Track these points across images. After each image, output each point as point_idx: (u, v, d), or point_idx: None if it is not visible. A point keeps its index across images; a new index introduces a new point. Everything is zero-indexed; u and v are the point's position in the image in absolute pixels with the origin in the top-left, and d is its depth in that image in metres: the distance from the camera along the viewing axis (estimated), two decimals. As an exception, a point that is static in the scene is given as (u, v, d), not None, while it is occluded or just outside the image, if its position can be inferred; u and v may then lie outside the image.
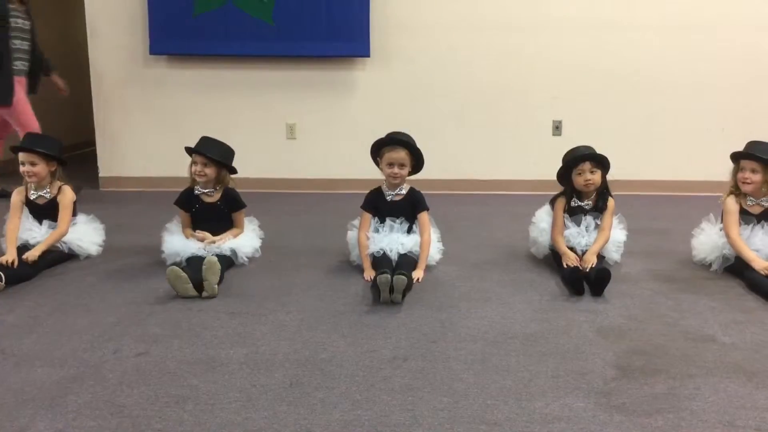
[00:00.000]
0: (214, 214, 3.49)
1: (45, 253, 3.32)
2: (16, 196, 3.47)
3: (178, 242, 3.41)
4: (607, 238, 3.37)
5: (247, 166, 3.79)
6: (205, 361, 2.33)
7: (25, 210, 3.49)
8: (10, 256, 3.19)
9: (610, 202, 3.43)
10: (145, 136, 5.59)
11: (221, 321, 2.71)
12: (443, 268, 3.43)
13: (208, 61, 5.48)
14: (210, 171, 3.41)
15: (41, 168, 3.42)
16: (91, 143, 6.01)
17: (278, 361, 2.33)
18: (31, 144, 3.44)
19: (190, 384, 2.17)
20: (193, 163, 3.43)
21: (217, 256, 3.24)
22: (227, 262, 3.31)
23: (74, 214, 3.58)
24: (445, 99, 5.57)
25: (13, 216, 3.43)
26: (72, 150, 6.58)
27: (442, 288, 3.14)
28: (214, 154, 3.42)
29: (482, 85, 5.56)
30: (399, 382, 2.17)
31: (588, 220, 3.43)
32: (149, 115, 5.57)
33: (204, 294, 2.94)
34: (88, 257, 3.56)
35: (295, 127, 5.61)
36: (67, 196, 3.50)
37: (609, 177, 3.44)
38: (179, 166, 3.51)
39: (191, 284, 2.93)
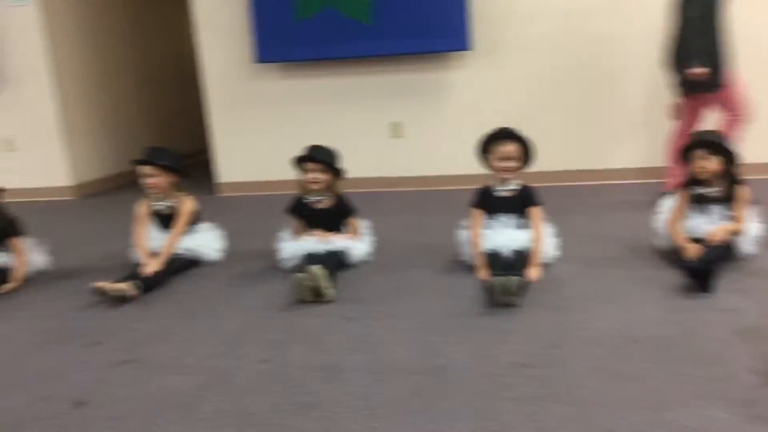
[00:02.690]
0: (325, 220, 3.54)
1: (171, 261, 3.49)
2: (142, 208, 3.67)
3: (292, 246, 3.49)
4: (739, 228, 3.16)
5: (351, 166, 3.82)
6: (326, 368, 2.37)
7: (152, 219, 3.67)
8: (151, 266, 3.37)
9: (742, 190, 3.21)
10: (255, 142, 5.77)
11: (339, 326, 2.75)
12: (560, 265, 3.33)
13: (311, 65, 5.57)
14: (324, 177, 3.47)
15: (161, 180, 3.59)
16: (206, 150, 6.28)
17: (397, 368, 2.34)
18: (151, 157, 3.61)
19: (313, 391, 2.21)
20: (306, 171, 3.49)
21: (329, 255, 3.30)
22: (339, 263, 3.36)
23: (195, 223, 3.73)
24: (557, 90, 5.39)
25: (140, 227, 3.63)
26: (190, 157, 6.92)
27: (559, 287, 3.05)
28: (327, 159, 3.47)
29: (598, 72, 5.33)
30: (522, 391, 2.12)
31: (716, 209, 3.23)
32: (258, 121, 5.74)
33: (323, 299, 2.99)
34: (211, 263, 3.71)
35: (399, 125, 5.61)
36: (186, 206, 3.66)
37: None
38: (290, 170, 3.58)
39: (312, 291, 2.99)
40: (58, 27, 5.99)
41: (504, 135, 3.26)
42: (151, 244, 3.59)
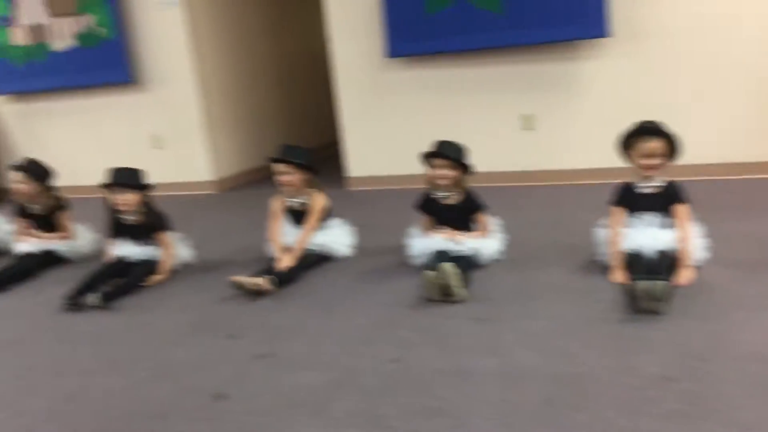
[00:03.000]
0: (454, 216, 3.49)
1: (304, 257, 3.57)
2: (276, 204, 3.78)
3: (422, 243, 3.47)
4: None
5: (481, 160, 3.73)
6: (456, 372, 2.33)
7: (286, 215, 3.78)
8: (285, 261, 3.47)
9: None
10: (386, 135, 5.80)
11: (469, 328, 2.70)
12: (710, 269, 3.08)
13: (441, 58, 5.51)
14: (452, 173, 3.42)
15: (295, 177, 3.67)
16: (336, 144, 6.39)
17: (530, 375, 2.26)
18: (285, 155, 3.70)
19: (444, 396, 2.17)
20: (434, 167, 3.45)
21: (459, 256, 3.25)
22: (469, 262, 3.30)
23: (327, 219, 3.80)
24: (706, 78, 5.00)
25: (275, 222, 3.74)
26: (320, 151, 7.07)
27: (710, 294, 2.82)
28: (454, 154, 3.42)
29: (754, 58, 4.89)
30: (668, 407, 1.97)
31: None
32: (389, 115, 5.76)
33: (452, 299, 2.95)
34: (342, 259, 3.76)
35: (531, 117, 5.44)
36: (318, 202, 3.73)
37: None
38: (419, 164, 3.55)
39: (442, 290, 2.95)
40: (201, 28, 6.30)
41: (648, 130, 3.06)
42: (285, 240, 3.69)
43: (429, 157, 3.47)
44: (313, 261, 3.63)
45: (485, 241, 3.45)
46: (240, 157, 6.83)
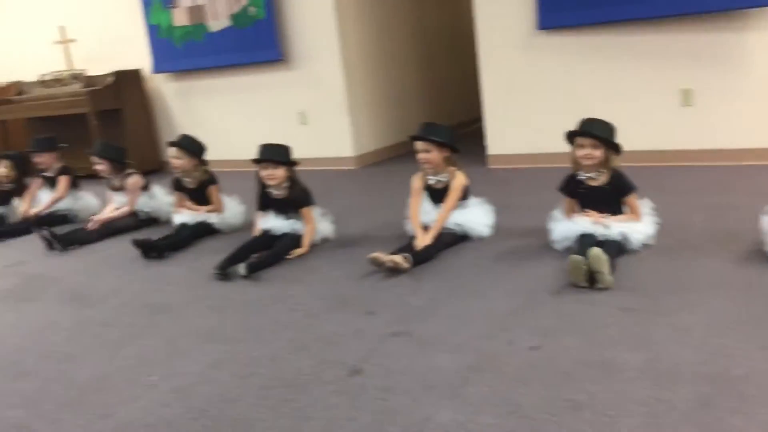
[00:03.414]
0: (600, 199, 3.30)
1: (442, 236, 3.53)
2: (417, 182, 3.75)
3: (565, 226, 3.32)
4: None
5: (633, 138, 3.48)
6: (600, 364, 2.20)
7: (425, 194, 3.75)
8: (423, 240, 3.45)
9: None
10: (530, 112, 5.61)
11: (615, 318, 2.54)
12: None
13: (590, 30, 5.22)
14: (599, 153, 3.22)
15: (434, 155, 3.63)
16: (478, 120, 6.27)
17: (683, 373, 2.09)
18: (425, 133, 3.66)
19: (587, 389, 2.06)
20: (579, 146, 3.27)
21: (606, 241, 3.07)
22: (617, 247, 3.11)
23: (465, 197, 3.73)
24: None
25: (415, 200, 3.72)
26: (460, 128, 6.98)
27: None
28: (602, 133, 3.22)
29: None
30: None
31: None
32: (534, 91, 5.56)
33: (598, 285, 2.80)
34: (480, 239, 3.68)
35: (690, 92, 5.04)
36: (458, 181, 3.66)
37: None
38: (563, 142, 3.38)
39: (587, 276, 2.81)
40: (346, 5, 6.38)
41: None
42: (424, 218, 3.67)
43: (574, 135, 3.30)
44: (450, 240, 3.58)
45: (634, 226, 3.24)
46: (380, 133, 6.89)
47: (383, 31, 6.93)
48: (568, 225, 3.31)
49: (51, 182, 5.28)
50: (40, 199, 5.29)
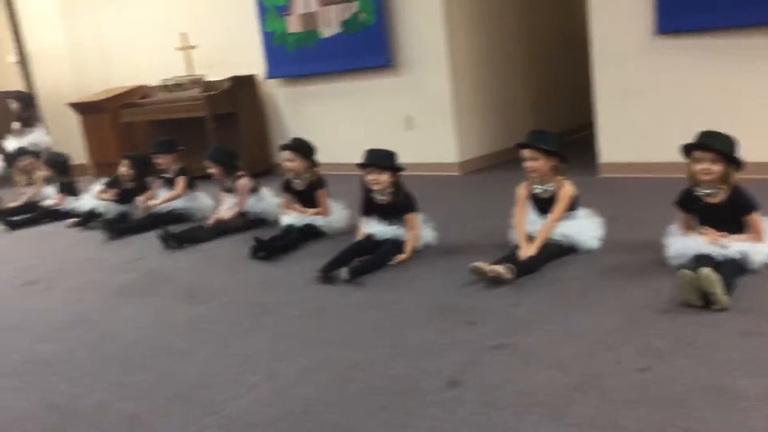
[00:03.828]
0: (719, 216, 3.09)
1: (547, 247, 3.43)
2: (522, 190, 3.67)
3: (681, 243, 3.14)
4: None
5: (759, 149, 3.24)
6: (715, 390, 2.07)
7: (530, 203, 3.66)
8: (527, 250, 3.38)
9: None
10: (645, 119, 5.36)
11: (732, 341, 2.39)
12: None
13: (717, 34, 4.92)
14: (717, 168, 3.02)
15: (542, 163, 3.53)
16: (587, 127, 6.07)
17: (811, 407, 1.93)
18: (533, 140, 3.57)
19: (699, 417, 1.94)
20: (696, 160, 3.08)
21: (724, 261, 2.88)
22: (736, 267, 2.91)
23: (573, 208, 3.61)
24: None
25: (520, 209, 3.64)
26: (568, 135, 6.80)
27: None
28: (721, 146, 3.02)
29: None
30: None
31: None
32: (650, 97, 5.31)
33: (714, 307, 2.63)
34: (588, 252, 3.55)
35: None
36: (565, 190, 3.55)
37: None
38: (676, 152, 3.20)
39: (701, 295, 2.65)
40: (455, 12, 6.35)
41: None
42: (529, 228, 3.58)
43: (691, 149, 3.11)
44: (556, 252, 3.48)
45: (756, 246, 3.02)
46: (486, 139, 6.80)
47: (492, 35, 6.85)
48: (685, 242, 3.13)
49: (170, 183, 5.56)
50: (159, 197, 5.57)
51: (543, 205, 3.61)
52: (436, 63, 6.36)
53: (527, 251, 3.38)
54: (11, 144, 7.72)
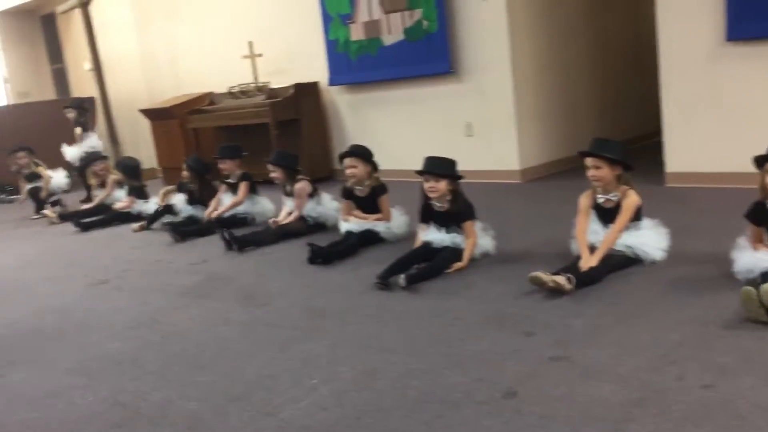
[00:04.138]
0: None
1: (610, 257, 3.36)
2: (585, 200, 3.61)
3: (750, 257, 3.03)
4: None
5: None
6: (784, 411, 1.99)
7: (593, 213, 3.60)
8: (589, 261, 3.32)
9: None
10: (715, 128, 5.19)
11: (806, 360, 2.29)
12: None
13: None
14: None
15: (606, 172, 3.47)
16: (652, 135, 5.91)
17: None
18: (596, 149, 3.51)
19: (767, 438, 1.87)
20: (767, 173, 2.97)
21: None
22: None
23: (638, 218, 3.53)
24: None
25: (582, 219, 3.58)
26: (633, 143, 6.64)
27: None
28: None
29: None
30: None
31: None
32: (721, 105, 5.14)
33: (783, 324, 2.54)
34: (652, 264, 3.46)
35: None
36: (630, 200, 3.47)
37: None
38: (747, 163, 3.09)
39: (765, 309, 2.55)
40: (519, 16, 6.30)
41: None
42: (591, 238, 3.52)
43: (763, 160, 3.00)
44: (619, 263, 3.40)
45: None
46: (548, 147, 6.71)
47: (557, 42, 6.75)
48: (754, 256, 3.02)
49: (233, 188, 5.68)
50: (223, 203, 5.71)
51: (606, 214, 3.54)
52: (499, 69, 6.32)
53: (589, 262, 3.32)
54: (71, 152, 8.00)
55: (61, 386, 2.78)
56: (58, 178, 7.58)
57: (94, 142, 8.02)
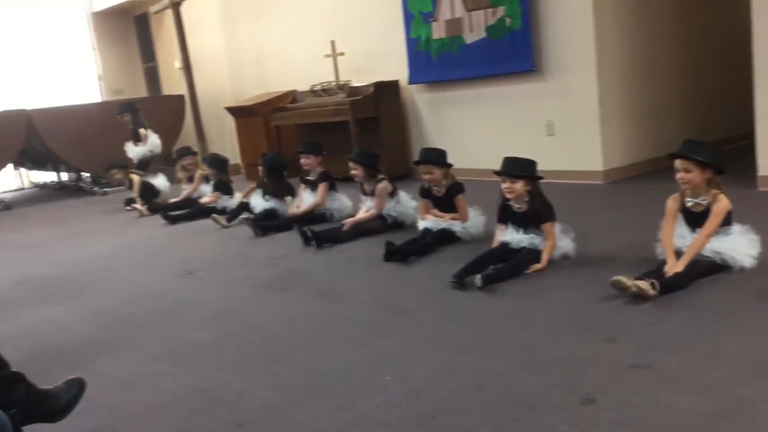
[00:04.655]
0: None
1: (696, 264, 3.24)
2: (673, 203, 3.49)
3: None
4: None
5: None
6: None
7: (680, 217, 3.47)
8: (674, 266, 3.22)
9: None
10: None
11: None
12: None
13: None
14: None
15: (696, 175, 3.34)
16: (744, 137, 5.65)
17: None
18: (687, 151, 3.39)
19: None
20: None
21: None
22: None
23: (728, 223, 3.38)
24: None
25: (669, 223, 3.46)
26: (724, 144, 6.37)
27: None
28: None
29: None
30: None
31: None
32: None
33: None
34: (741, 270, 3.31)
35: None
36: (720, 205, 3.33)
37: None
38: None
39: None
40: (605, 14, 6.13)
41: None
42: (677, 243, 3.40)
43: None
44: (706, 270, 3.27)
45: None
46: (632, 147, 6.51)
47: (645, 39, 6.54)
48: None
49: (313, 185, 5.78)
50: (303, 199, 5.82)
51: (694, 218, 3.41)
52: (583, 67, 6.17)
53: (674, 267, 3.21)
54: (135, 151, 8.27)
55: (148, 372, 2.91)
56: (160, 181, 7.89)
57: (155, 140, 8.29)
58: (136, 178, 7.90)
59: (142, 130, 8.27)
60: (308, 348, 2.99)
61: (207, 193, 6.93)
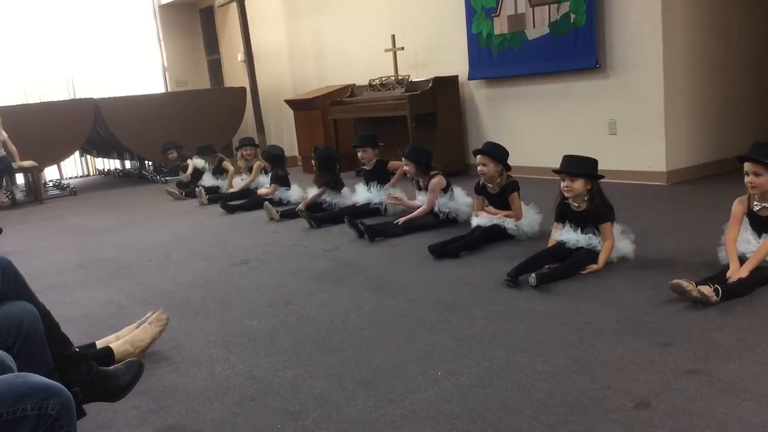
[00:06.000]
0: None
1: (763, 270, 3.13)
2: (739, 206, 3.37)
3: None
4: None
5: None
6: None
7: (745, 221, 3.35)
8: (738, 272, 3.11)
9: None
10: None
11: None
12: None
13: None
14: None
15: (766, 180, 3.21)
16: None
17: None
18: (757, 154, 3.26)
19: None
20: None
21: None
22: None
23: (799, 229, 3.25)
24: None
25: (734, 226, 3.34)
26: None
27: None
28: None
29: None
30: None
31: None
32: None
33: None
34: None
35: None
36: (791, 209, 3.20)
37: None
38: None
39: None
40: (672, 10, 5.95)
41: None
42: (742, 247, 3.28)
43: None
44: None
45: None
46: (699, 147, 6.31)
47: (715, 35, 6.32)
48: None
49: (369, 176, 5.81)
50: (357, 192, 5.86)
51: (761, 223, 3.29)
52: (649, 64, 6.01)
53: (738, 273, 3.11)
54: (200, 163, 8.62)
55: (203, 357, 2.98)
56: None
57: (200, 162, 8.56)
58: (191, 162, 8.27)
59: (188, 162, 8.67)
60: (359, 340, 3.01)
61: (265, 184, 7.05)
